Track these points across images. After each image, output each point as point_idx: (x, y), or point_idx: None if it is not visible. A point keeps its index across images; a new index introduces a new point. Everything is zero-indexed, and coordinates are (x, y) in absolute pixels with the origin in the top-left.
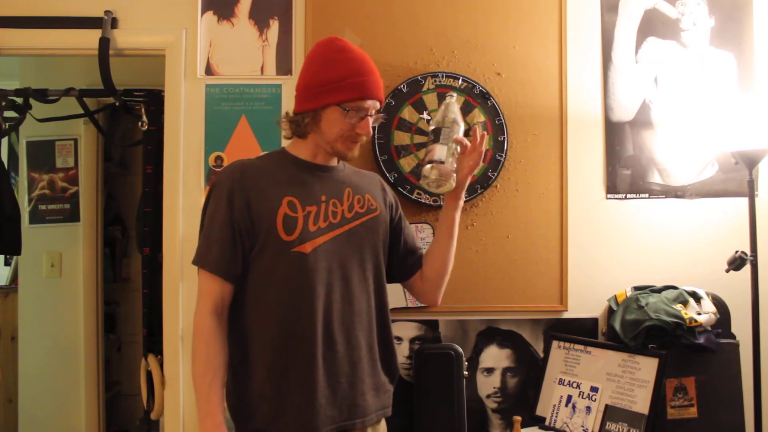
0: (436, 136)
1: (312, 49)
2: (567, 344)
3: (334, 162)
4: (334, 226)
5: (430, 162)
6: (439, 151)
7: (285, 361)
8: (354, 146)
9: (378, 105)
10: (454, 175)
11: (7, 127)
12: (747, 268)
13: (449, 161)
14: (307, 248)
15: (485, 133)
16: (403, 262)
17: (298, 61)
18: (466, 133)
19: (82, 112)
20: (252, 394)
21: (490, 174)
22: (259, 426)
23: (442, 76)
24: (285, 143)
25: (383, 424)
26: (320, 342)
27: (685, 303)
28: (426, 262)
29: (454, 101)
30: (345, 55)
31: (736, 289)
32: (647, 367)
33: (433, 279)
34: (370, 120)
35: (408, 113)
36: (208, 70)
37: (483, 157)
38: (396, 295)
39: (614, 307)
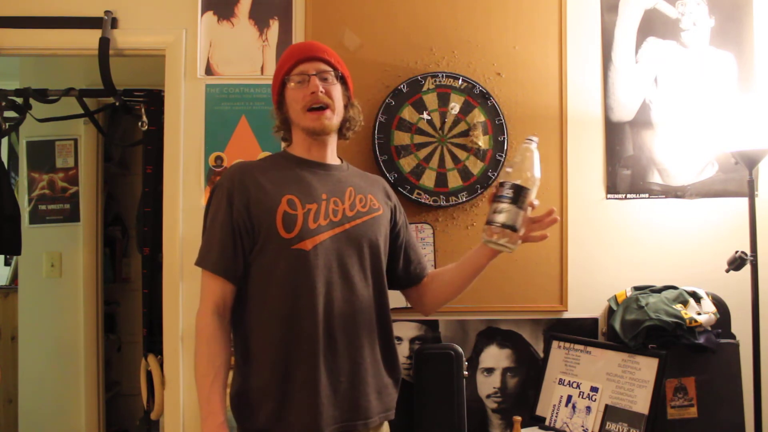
0: (516, 195)
1: None
2: (567, 344)
3: (335, 160)
4: (335, 224)
5: (504, 225)
6: (516, 216)
7: (287, 360)
8: (320, 115)
9: (326, 66)
10: (520, 241)
11: (7, 127)
12: (747, 268)
13: (522, 228)
14: (308, 245)
15: (558, 218)
16: (405, 270)
17: None
18: None
19: (82, 112)
20: (255, 394)
21: (490, 174)
22: (262, 426)
23: (442, 76)
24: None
25: (386, 427)
26: (321, 340)
27: (685, 303)
28: (437, 283)
29: (536, 149)
30: (288, 47)
31: (736, 289)
32: (647, 367)
33: (439, 299)
34: (316, 79)
35: (408, 113)
36: (208, 70)
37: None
38: (396, 295)
39: (614, 307)
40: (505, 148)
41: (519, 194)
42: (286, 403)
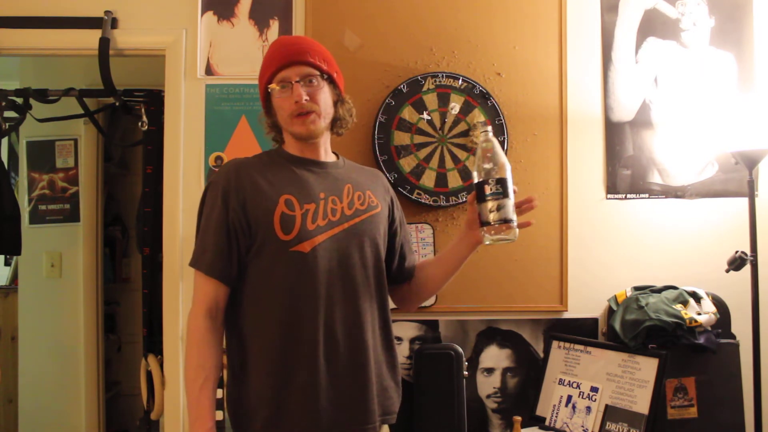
0: (503, 187)
1: None
2: (567, 344)
3: (331, 157)
4: (334, 224)
5: (504, 220)
6: (510, 207)
7: (286, 365)
8: (305, 119)
9: (310, 70)
10: (517, 228)
11: (7, 127)
12: (747, 268)
13: (515, 216)
14: (306, 247)
15: (537, 203)
16: (400, 267)
17: None
18: None
19: (82, 112)
20: (252, 399)
21: None
22: (260, 430)
23: (442, 76)
24: None
25: (386, 431)
26: (322, 344)
27: (685, 303)
28: (421, 279)
29: (492, 136)
30: (272, 45)
31: (736, 289)
32: (647, 367)
33: (421, 294)
34: (299, 86)
35: (408, 113)
36: (208, 70)
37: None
38: None
39: (614, 307)
40: (506, 148)
41: (504, 186)
42: (284, 408)
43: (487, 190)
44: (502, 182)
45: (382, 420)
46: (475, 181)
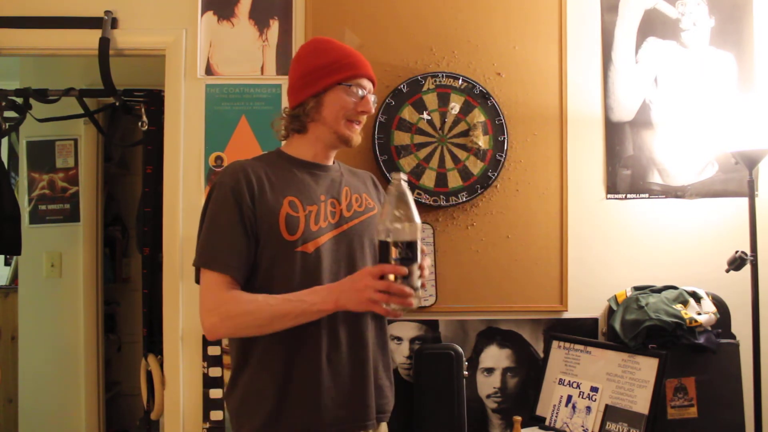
0: (412, 252)
1: (297, 51)
2: (567, 344)
3: (330, 161)
4: (334, 226)
5: (413, 288)
6: (417, 273)
7: (289, 362)
8: (357, 128)
9: (372, 87)
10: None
11: (7, 127)
12: (747, 268)
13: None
14: (310, 248)
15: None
16: None
17: None
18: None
19: (82, 112)
20: (254, 396)
21: (490, 174)
22: (261, 427)
23: (442, 76)
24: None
25: (384, 428)
26: (325, 342)
27: (685, 303)
28: None
29: (407, 187)
30: (333, 44)
31: (736, 289)
32: (647, 367)
33: None
34: (370, 98)
35: (408, 113)
36: (208, 70)
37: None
38: None
39: (614, 307)
40: (505, 148)
41: (414, 251)
42: (285, 405)
43: (395, 254)
44: (412, 247)
45: (378, 418)
46: (380, 238)
